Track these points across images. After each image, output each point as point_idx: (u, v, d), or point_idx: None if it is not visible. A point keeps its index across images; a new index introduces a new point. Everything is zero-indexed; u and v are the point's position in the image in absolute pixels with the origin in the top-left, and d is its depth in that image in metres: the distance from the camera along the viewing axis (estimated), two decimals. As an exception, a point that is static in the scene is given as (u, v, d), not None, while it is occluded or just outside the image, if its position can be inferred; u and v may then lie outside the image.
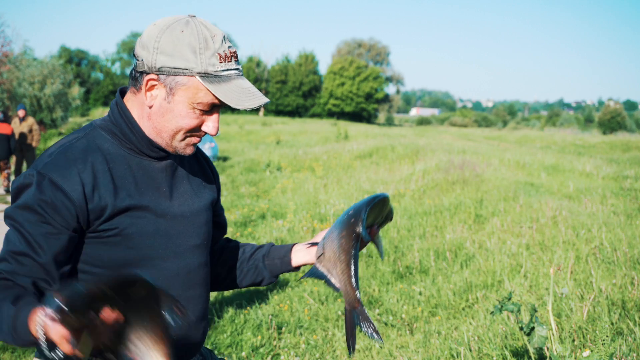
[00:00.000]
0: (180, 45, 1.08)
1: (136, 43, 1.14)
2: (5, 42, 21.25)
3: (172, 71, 1.09)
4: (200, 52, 1.09)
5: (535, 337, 2.29)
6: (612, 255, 4.17)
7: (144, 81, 1.12)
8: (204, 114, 1.14)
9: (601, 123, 58.72)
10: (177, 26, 1.10)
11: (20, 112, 10.63)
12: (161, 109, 1.13)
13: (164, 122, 1.14)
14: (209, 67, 1.09)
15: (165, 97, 1.12)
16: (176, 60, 1.08)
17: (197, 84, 1.09)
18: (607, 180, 8.95)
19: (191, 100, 1.11)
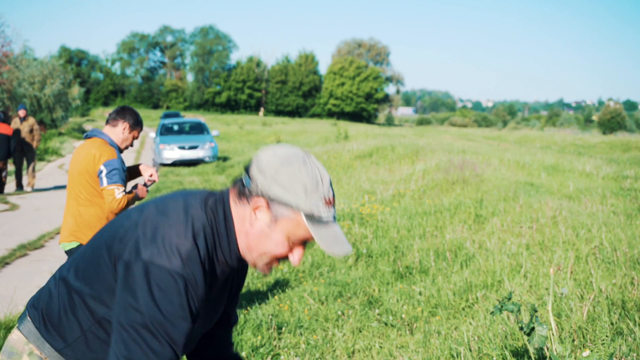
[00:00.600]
0: (295, 182, 1.18)
1: (253, 163, 1.22)
2: (6, 42, 21.23)
3: (282, 202, 1.18)
4: (311, 193, 1.18)
5: (535, 337, 2.29)
6: (612, 255, 4.17)
7: (253, 201, 1.21)
8: (294, 246, 1.23)
9: (601, 123, 58.73)
10: (295, 162, 1.19)
11: (21, 112, 10.63)
12: (261, 231, 1.22)
13: (259, 243, 1.23)
14: (315, 209, 1.18)
15: (269, 222, 1.20)
16: (289, 195, 1.18)
17: (300, 221, 1.19)
18: (607, 180, 8.95)
19: (290, 232, 1.20)
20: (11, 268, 5.47)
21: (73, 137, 24.72)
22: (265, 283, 4.67)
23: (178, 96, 68.96)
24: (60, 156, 18.15)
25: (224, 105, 66.95)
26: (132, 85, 70.80)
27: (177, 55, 72.35)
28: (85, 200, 3.00)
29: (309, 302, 4.10)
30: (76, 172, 3.03)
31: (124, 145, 3.14)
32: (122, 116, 3.12)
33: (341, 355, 3.35)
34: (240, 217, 1.24)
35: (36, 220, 7.74)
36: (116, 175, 2.97)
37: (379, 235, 5.73)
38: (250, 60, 67.88)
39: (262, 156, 1.22)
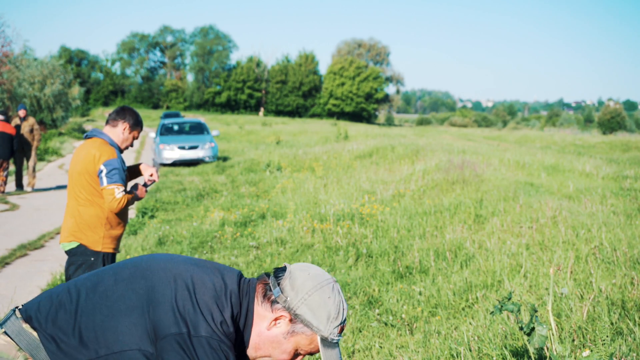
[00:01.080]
0: (322, 309, 1.31)
1: (287, 277, 1.35)
2: (6, 42, 21.24)
3: (305, 322, 1.32)
4: (332, 321, 1.33)
5: (535, 337, 2.30)
6: (611, 255, 4.17)
7: (278, 312, 1.33)
8: (296, 356, 1.37)
9: (601, 123, 58.73)
10: (327, 290, 1.33)
11: (21, 112, 10.63)
12: (275, 338, 1.34)
13: (269, 346, 1.35)
14: (330, 335, 1.33)
15: (285, 333, 1.33)
16: (314, 318, 1.31)
17: (314, 340, 1.33)
18: (606, 180, 8.95)
19: (300, 345, 1.34)
20: (11, 268, 5.47)
21: (73, 137, 24.72)
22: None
23: (178, 96, 68.96)
24: (60, 156, 18.16)
25: (224, 105, 66.95)
26: (132, 85, 70.79)
27: (177, 55, 72.34)
28: (85, 200, 3.00)
29: (309, 302, 4.10)
30: (76, 172, 3.03)
31: (124, 145, 3.14)
32: (122, 116, 3.12)
33: (341, 355, 3.35)
34: (260, 317, 1.34)
35: (36, 221, 7.74)
36: (116, 175, 2.96)
37: (379, 235, 5.73)
38: (250, 60, 67.87)
39: (297, 274, 1.35)
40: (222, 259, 5.49)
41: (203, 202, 8.81)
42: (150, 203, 8.61)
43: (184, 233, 6.52)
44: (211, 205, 8.30)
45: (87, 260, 2.97)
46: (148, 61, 72.78)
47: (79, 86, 31.57)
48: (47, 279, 5.00)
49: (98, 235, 2.99)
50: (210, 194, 9.77)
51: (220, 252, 5.77)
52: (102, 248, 3.00)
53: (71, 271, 3.00)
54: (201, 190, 10.01)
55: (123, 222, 3.12)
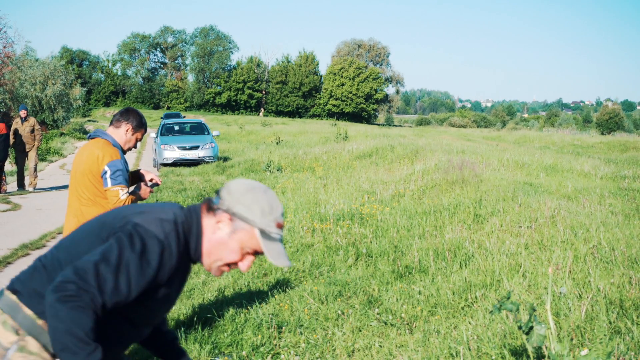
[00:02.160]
0: (255, 204, 1.50)
1: (224, 187, 1.55)
2: (8, 43, 21.25)
3: (242, 218, 1.49)
4: (265, 215, 1.50)
5: (533, 336, 2.32)
6: (610, 255, 4.20)
7: (219, 216, 1.51)
8: (245, 255, 1.54)
9: (599, 123, 58.76)
10: (258, 191, 1.52)
11: (22, 113, 10.65)
12: (221, 240, 1.52)
13: (218, 250, 1.52)
14: (267, 227, 1.50)
15: (228, 233, 1.51)
16: (249, 213, 1.49)
17: (253, 234, 1.50)
18: (605, 180, 8.97)
19: (244, 243, 1.51)
20: (13, 267, 5.49)
21: (74, 137, 24.73)
22: (265, 282, 4.70)
23: (179, 97, 68.94)
24: (61, 156, 18.17)
25: (224, 105, 66.93)
26: (133, 85, 70.75)
27: (177, 55, 72.31)
28: (87, 200, 3.03)
29: (309, 301, 4.12)
30: (79, 172, 3.06)
31: (127, 146, 3.16)
32: (125, 118, 3.14)
33: (341, 354, 3.37)
34: (207, 226, 1.53)
35: (38, 220, 7.77)
36: (120, 176, 2.99)
37: (378, 235, 5.75)
38: (251, 60, 67.85)
39: (232, 183, 1.55)
40: (223, 259, 5.51)
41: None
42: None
43: (184, 233, 6.53)
44: (211, 206, 8.31)
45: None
46: (149, 62, 72.76)
47: (80, 87, 31.57)
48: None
49: (100, 235, 3.01)
50: (210, 194, 9.79)
51: (221, 252, 5.79)
52: (104, 248, 3.02)
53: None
54: (202, 191, 10.03)
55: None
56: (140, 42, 71.70)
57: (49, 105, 25.59)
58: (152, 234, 1.45)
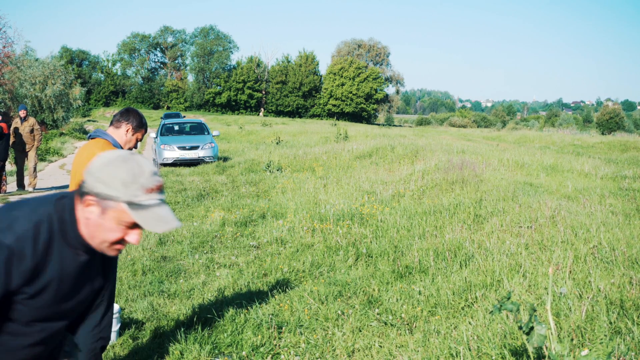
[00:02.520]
0: (114, 179, 1.42)
1: (87, 167, 1.47)
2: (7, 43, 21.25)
3: (106, 196, 1.43)
4: (129, 185, 1.42)
5: (534, 336, 2.31)
6: (610, 255, 4.19)
7: (86, 201, 1.46)
8: (128, 229, 1.48)
9: (599, 123, 58.80)
10: (116, 162, 1.44)
11: (21, 112, 10.65)
12: (96, 222, 1.47)
13: (97, 232, 1.48)
14: (133, 197, 1.43)
15: (99, 214, 1.45)
16: (109, 190, 1.42)
17: (123, 209, 1.43)
18: (605, 180, 8.97)
19: (118, 219, 1.45)
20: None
21: (74, 137, 24.72)
22: (265, 282, 4.70)
23: (179, 96, 68.96)
24: (61, 156, 18.17)
25: (224, 105, 66.95)
26: (132, 85, 70.77)
27: (177, 55, 72.33)
28: (87, 200, 3.02)
29: (309, 301, 4.12)
30: (79, 172, 3.05)
31: (127, 147, 3.16)
32: (126, 118, 3.13)
33: (341, 354, 3.37)
34: (80, 212, 1.50)
35: (37, 221, 7.75)
36: None
37: (378, 235, 5.75)
38: (251, 60, 67.87)
39: (92, 162, 1.47)
40: (223, 259, 5.51)
41: (203, 202, 8.82)
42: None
43: (184, 233, 6.54)
44: (212, 205, 8.32)
45: (88, 260, 3.00)
46: (149, 62, 72.78)
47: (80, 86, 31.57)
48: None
49: (99, 235, 3.01)
50: (210, 194, 9.79)
51: (221, 251, 5.79)
52: (104, 248, 3.02)
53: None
54: (202, 190, 10.03)
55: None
56: (140, 42, 71.72)
57: (48, 105, 25.59)
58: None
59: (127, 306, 4.27)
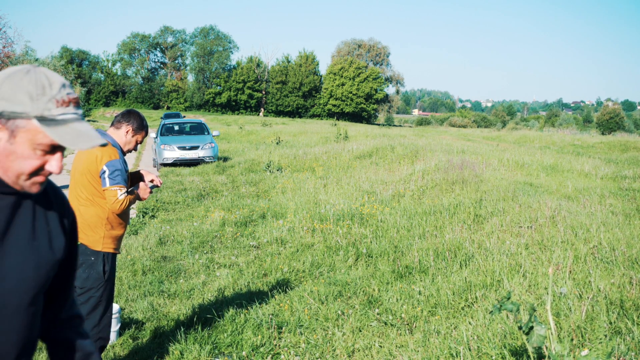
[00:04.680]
0: (18, 92, 1.17)
1: None
2: (7, 43, 21.26)
3: (12, 115, 1.17)
4: (37, 98, 1.18)
5: (534, 336, 2.31)
6: (610, 255, 4.19)
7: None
8: (46, 154, 1.21)
9: (600, 123, 58.80)
10: (17, 74, 1.19)
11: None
12: (5, 150, 1.20)
13: (9, 162, 1.20)
14: (45, 111, 1.18)
15: (8, 139, 1.19)
16: (15, 105, 1.17)
17: (35, 127, 1.18)
18: (605, 180, 8.97)
19: (32, 141, 1.19)
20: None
21: (73, 137, 24.67)
22: (265, 282, 4.69)
23: (179, 97, 68.98)
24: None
25: (224, 105, 66.96)
26: (132, 85, 70.79)
27: (177, 55, 72.34)
28: (86, 200, 3.02)
29: (309, 301, 4.12)
30: (78, 172, 3.05)
31: (126, 148, 3.16)
32: (126, 119, 3.14)
33: (341, 354, 3.37)
34: None
35: (37, 221, 7.75)
36: (119, 176, 2.99)
37: (378, 235, 5.74)
38: (251, 60, 67.88)
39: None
40: (223, 259, 5.51)
41: (203, 202, 8.82)
42: (150, 203, 8.63)
43: (184, 233, 6.54)
44: (212, 205, 8.32)
45: (87, 259, 3.00)
46: (149, 62, 72.79)
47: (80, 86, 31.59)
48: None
49: (98, 235, 3.00)
50: (210, 194, 9.78)
51: (221, 251, 5.79)
52: (103, 248, 3.02)
53: (72, 270, 3.03)
54: (202, 190, 10.02)
55: (124, 222, 3.14)
56: (140, 42, 71.73)
57: (48, 105, 25.59)
58: None
59: (127, 306, 4.27)
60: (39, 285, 1.28)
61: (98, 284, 2.98)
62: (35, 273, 1.26)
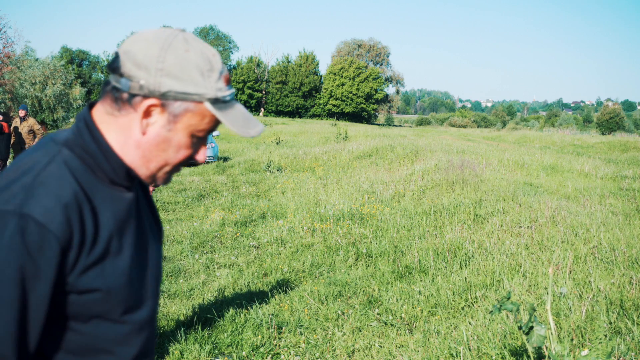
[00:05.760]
0: (188, 67, 0.95)
1: (123, 59, 0.96)
2: (7, 43, 21.28)
3: (180, 96, 0.96)
4: (208, 74, 0.97)
5: (534, 336, 2.32)
6: (610, 255, 4.19)
7: (141, 106, 0.96)
8: (197, 143, 1.03)
9: (599, 123, 58.79)
10: (176, 43, 0.96)
11: (21, 112, 10.67)
12: (158, 137, 0.99)
13: (158, 151, 1.00)
14: (218, 92, 0.98)
15: (166, 124, 0.98)
16: (186, 84, 0.95)
17: (204, 111, 0.98)
18: (605, 180, 8.97)
19: (193, 127, 0.99)
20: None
21: (73, 137, 24.73)
22: (265, 282, 4.70)
23: (178, 96, 69.03)
24: (60, 156, 18.18)
25: (224, 105, 67.00)
26: (132, 85, 70.85)
27: (177, 55, 72.41)
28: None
29: (309, 301, 4.12)
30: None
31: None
32: None
33: (341, 354, 3.37)
34: (119, 128, 0.99)
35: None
36: None
37: (378, 235, 5.75)
38: (251, 60, 67.93)
39: (132, 48, 0.96)
40: (223, 259, 5.51)
41: (203, 202, 8.82)
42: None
43: (184, 233, 6.54)
44: (212, 205, 8.32)
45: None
46: (148, 61, 72.85)
47: (80, 87, 31.58)
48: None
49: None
50: (210, 194, 9.79)
51: (221, 251, 5.79)
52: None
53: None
54: (202, 190, 10.03)
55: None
56: (140, 42, 71.76)
57: (48, 105, 25.61)
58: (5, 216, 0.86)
59: (127, 306, 4.26)
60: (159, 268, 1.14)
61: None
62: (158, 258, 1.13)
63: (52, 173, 0.93)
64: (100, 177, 1.00)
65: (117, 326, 1.01)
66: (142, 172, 1.03)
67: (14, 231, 0.86)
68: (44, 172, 0.93)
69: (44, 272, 0.88)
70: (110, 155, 1.00)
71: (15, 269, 0.86)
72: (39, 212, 0.88)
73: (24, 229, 0.86)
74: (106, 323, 1.00)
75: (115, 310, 1.00)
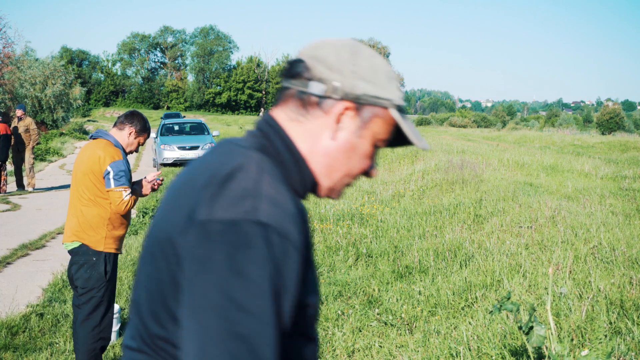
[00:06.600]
0: (378, 72, 0.93)
1: (312, 63, 0.92)
2: (7, 43, 21.29)
3: (372, 100, 0.91)
4: (393, 80, 0.94)
5: (533, 336, 2.32)
6: (610, 255, 4.20)
7: (334, 109, 0.90)
8: (375, 154, 0.97)
9: (600, 123, 58.78)
10: (364, 49, 0.95)
11: (18, 112, 10.68)
12: (347, 144, 0.92)
13: (345, 160, 0.93)
14: (401, 100, 0.94)
15: (356, 130, 0.92)
16: (378, 89, 0.92)
17: (388, 118, 0.93)
18: (605, 180, 8.98)
19: (377, 136, 0.94)
20: (13, 267, 5.49)
21: (74, 137, 24.73)
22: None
23: (179, 97, 69.03)
24: (61, 156, 18.17)
25: (224, 105, 67.02)
26: (132, 85, 70.86)
27: (177, 55, 72.42)
28: (88, 201, 3.02)
29: (309, 301, 4.12)
30: (80, 172, 3.05)
31: (128, 149, 3.16)
32: (130, 121, 3.13)
33: (341, 354, 3.37)
34: (308, 135, 0.93)
35: (37, 220, 7.76)
36: (123, 177, 2.99)
37: (378, 235, 5.75)
38: (251, 60, 67.96)
39: (319, 53, 0.93)
40: (223, 259, 5.51)
41: (203, 203, 8.82)
42: (151, 203, 8.63)
43: (184, 233, 6.54)
44: (211, 206, 8.32)
45: (89, 260, 3.00)
46: (148, 62, 72.88)
47: (80, 87, 31.60)
48: (49, 279, 5.03)
49: (100, 236, 3.00)
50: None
51: (221, 252, 5.80)
52: (104, 248, 3.02)
53: (73, 271, 3.02)
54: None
55: (126, 222, 3.14)
56: (140, 42, 71.81)
57: (48, 105, 25.63)
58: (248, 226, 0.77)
59: (127, 306, 4.27)
60: None
61: (100, 284, 2.98)
62: None
63: (269, 181, 0.84)
64: (295, 190, 0.93)
65: (312, 345, 0.94)
66: (324, 183, 0.95)
67: (262, 242, 0.77)
68: (263, 179, 0.84)
69: (289, 285, 0.80)
70: (302, 165, 0.93)
71: (270, 281, 0.77)
72: (277, 220, 0.80)
73: (269, 239, 0.78)
74: (305, 341, 0.92)
75: (312, 326, 0.93)
